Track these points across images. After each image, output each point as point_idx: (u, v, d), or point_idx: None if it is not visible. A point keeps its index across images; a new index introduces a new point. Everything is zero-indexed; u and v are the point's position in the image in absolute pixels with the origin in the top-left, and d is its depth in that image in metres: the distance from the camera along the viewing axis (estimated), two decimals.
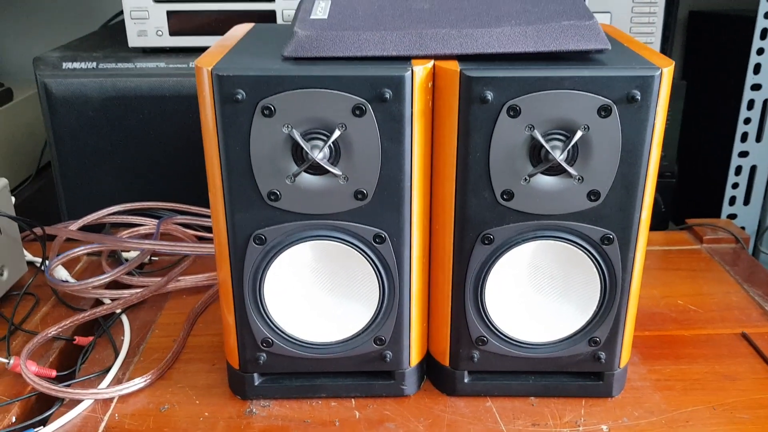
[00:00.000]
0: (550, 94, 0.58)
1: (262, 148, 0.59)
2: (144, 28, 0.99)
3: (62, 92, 0.98)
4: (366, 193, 0.61)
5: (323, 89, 0.57)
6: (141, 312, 0.85)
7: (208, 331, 0.81)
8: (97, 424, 0.67)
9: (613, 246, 0.63)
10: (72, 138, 1.00)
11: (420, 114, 0.59)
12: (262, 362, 0.67)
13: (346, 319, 0.67)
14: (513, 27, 0.60)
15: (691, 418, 0.67)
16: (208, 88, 0.58)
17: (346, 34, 0.60)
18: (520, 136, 0.59)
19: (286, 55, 0.60)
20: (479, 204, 0.62)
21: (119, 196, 1.02)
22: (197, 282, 0.89)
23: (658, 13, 1.06)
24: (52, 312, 0.85)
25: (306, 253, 0.64)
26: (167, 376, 0.74)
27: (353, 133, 0.59)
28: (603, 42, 0.60)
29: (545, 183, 0.61)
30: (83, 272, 0.94)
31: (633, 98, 0.57)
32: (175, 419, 0.68)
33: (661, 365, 0.75)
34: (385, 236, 0.63)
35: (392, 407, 0.69)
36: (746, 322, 0.82)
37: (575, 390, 0.70)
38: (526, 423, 0.67)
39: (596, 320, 0.66)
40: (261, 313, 0.65)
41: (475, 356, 0.68)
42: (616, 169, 0.60)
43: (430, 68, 0.59)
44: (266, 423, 0.67)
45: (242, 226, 0.62)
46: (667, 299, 0.87)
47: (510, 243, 0.63)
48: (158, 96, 0.98)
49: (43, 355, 0.76)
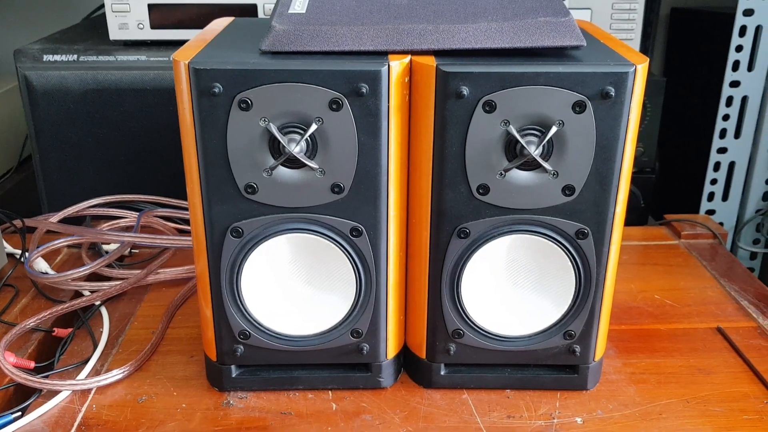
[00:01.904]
0: (526, 90, 0.58)
1: (239, 142, 0.59)
2: (125, 21, 0.99)
3: (43, 85, 0.97)
4: (343, 187, 0.61)
5: (300, 83, 0.58)
6: (120, 304, 0.85)
7: (187, 324, 0.82)
8: (74, 414, 0.67)
9: (587, 240, 0.64)
10: (53, 130, 0.99)
11: (396, 108, 0.60)
12: (240, 354, 0.68)
13: (323, 312, 0.67)
14: (489, 23, 0.61)
15: (665, 410, 0.68)
16: (186, 82, 0.58)
17: (324, 28, 0.60)
18: (495, 131, 0.59)
19: (264, 49, 0.60)
20: (455, 198, 0.62)
21: (100, 188, 1.02)
22: (177, 274, 0.89)
23: (638, 9, 1.07)
24: (31, 303, 0.85)
25: (283, 246, 0.64)
26: (145, 368, 0.74)
27: (330, 127, 0.59)
28: (578, 38, 0.61)
29: (520, 178, 0.61)
30: (63, 264, 0.94)
31: (607, 94, 0.58)
32: (153, 410, 0.68)
33: (636, 359, 0.76)
34: (361, 230, 0.63)
35: (369, 399, 0.69)
36: (722, 317, 0.83)
37: (550, 383, 0.70)
38: (502, 415, 0.67)
39: (571, 314, 0.67)
40: (238, 305, 0.66)
41: (451, 349, 0.68)
42: (590, 165, 0.61)
43: (406, 63, 0.60)
44: (243, 414, 0.67)
45: (219, 218, 0.62)
46: (644, 294, 0.88)
47: (486, 237, 0.64)
48: (139, 89, 0.98)
49: (21, 347, 0.76)
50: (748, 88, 1.10)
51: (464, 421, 0.67)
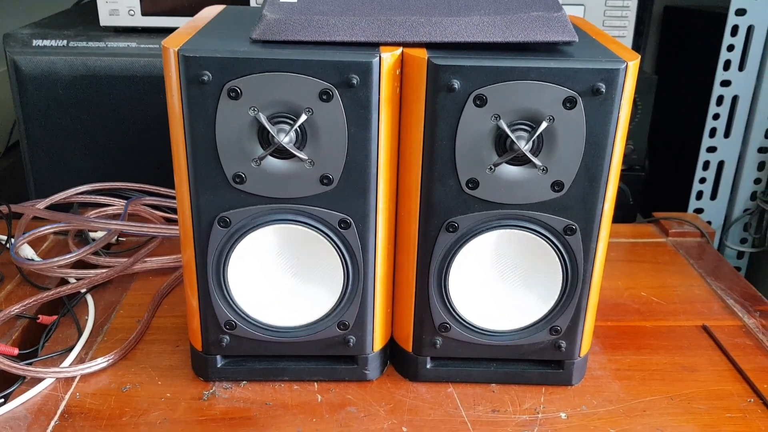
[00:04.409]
0: (517, 85, 0.58)
1: (228, 131, 0.59)
2: (116, 7, 0.99)
3: (32, 70, 0.97)
4: (332, 178, 0.61)
5: (290, 73, 0.57)
6: (106, 292, 0.85)
7: (173, 313, 0.81)
8: (58, 402, 0.67)
9: (575, 236, 0.64)
10: (41, 116, 0.99)
11: (387, 101, 0.60)
12: (225, 345, 0.68)
13: (310, 304, 0.67)
14: (482, 16, 0.61)
15: (649, 407, 0.68)
16: (175, 69, 0.58)
17: (315, 18, 0.60)
18: (485, 125, 0.59)
19: (254, 38, 0.60)
20: (444, 192, 0.62)
21: (88, 175, 1.02)
22: (163, 263, 0.89)
23: (631, 7, 1.07)
24: (16, 290, 0.84)
25: (270, 236, 0.64)
26: (130, 357, 0.74)
27: (320, 118, 0.59)
28: (570, 34, 0.60)
29: (510, 172, 0.61)
30: (49, 251, 0.93)
31: (598, 91, 0.58)
32: (137, 399, 0.68)
33: (621, 355, 0.76)
34: (350, 222, 0.63)
35: (354, 391, 0.69)
36: (707, 315, 0.84)
37: (536, 378, 0.71)
38: (487, 409, 0.67)
39: (557, 309, 0.67)
40: (225, 295, 0.66)
41: (437, 342, 0.68)
42: (580, 161, 0.61)
43: (398, 55, 0.59)
44: (228, 405, 0.67)
45: (207, 208, 0.62)
46: (631, 291, 0.89)
47: (474, 231, 0.64)
48: (129, 76, 0.97)
49: (5, 333, 0.76)
50: (739, 87, 1.11)
51: (449, 415, 0.67)
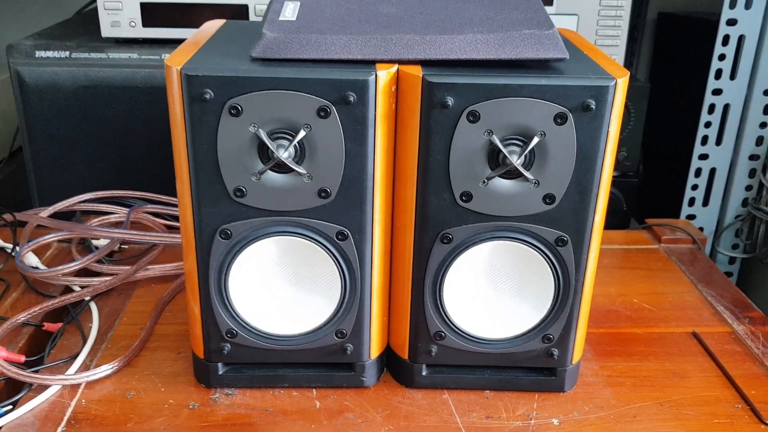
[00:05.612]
0: (509, 101, 0.60)
1: (229, 146, 0.61)
2: (117, 18, 1.00)
3: (35, 80, 0.98)
4: (330, 192, 0.63)
5: (289, 91, 0.59)
6: (110, 300, 0.87)
7: (175, 320, 0.83)
8: (64, 409, 0.68)
9: (567, 247, 0.65)
10: (44, 126, 1.00)
11: (383, 117, 0.61)
12: (226, 352, 0.69)
13: (308, 313, 0.69)
14: (475, 34, 0.62)
15: (639, 413, 0.70)
16: (177, 87, 0.59)
17: (313, 37, 0.62)
18: (479, 140, 0.61)
19: (255, 56, 0.62)
20: (439, 204, 0.64)
21: (90, 184, 1.03)
22: (166, 271, 0.90)
23: (624, 16, 1.09)
24: (21, 298, 0.86)
25: (270, 248, 0.66)
26: (134, 364, 0.75)
27: (318, 134, 0.61)
28: (561, 51, 0.62)
29: (502, 186, 0.63)
30: (53, 259, 0.95)
31: (588, 107, 0.60)
32: (141, 406, 0.69)
33: (613, 362, 0.78)
34: (347, 233, 0.65)
35: (352, 398, 0.71)
36: (698, 322, 0.85)
37: (529, 384, 0.72)
38: (481, 415, 0.69)
39: (550, 318, 0.69)
40: (226, 304, 0.67)
41: (433, 350, 0.70)
42: (570, 174, 0.62)
43: (393, 73, 0.61)
44: (229, 411, 0.69)
45: (208, 220, 0.64)
46: (623, 297, 0.90)
47: (468, 242, 0.65)
48: (130, 86, 0.99)
49: (12, 341, 0.77)
50: (730, 96, 1.12)
51: (444, 421, 0.68)
